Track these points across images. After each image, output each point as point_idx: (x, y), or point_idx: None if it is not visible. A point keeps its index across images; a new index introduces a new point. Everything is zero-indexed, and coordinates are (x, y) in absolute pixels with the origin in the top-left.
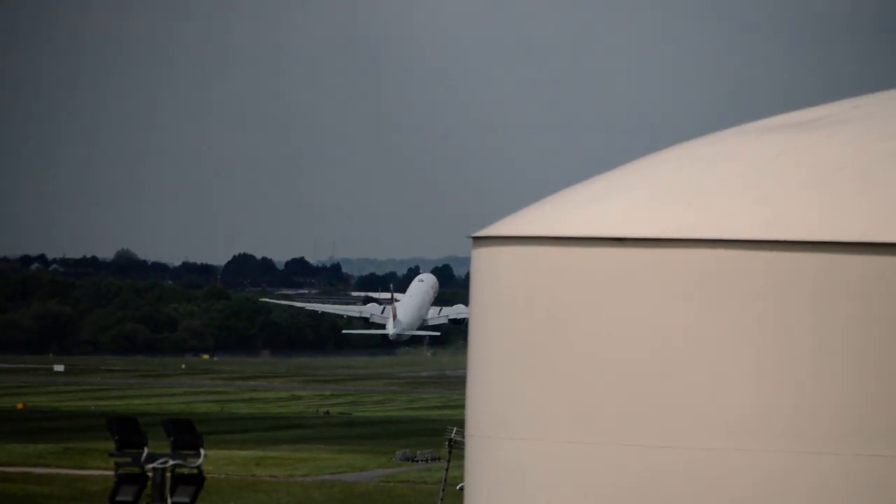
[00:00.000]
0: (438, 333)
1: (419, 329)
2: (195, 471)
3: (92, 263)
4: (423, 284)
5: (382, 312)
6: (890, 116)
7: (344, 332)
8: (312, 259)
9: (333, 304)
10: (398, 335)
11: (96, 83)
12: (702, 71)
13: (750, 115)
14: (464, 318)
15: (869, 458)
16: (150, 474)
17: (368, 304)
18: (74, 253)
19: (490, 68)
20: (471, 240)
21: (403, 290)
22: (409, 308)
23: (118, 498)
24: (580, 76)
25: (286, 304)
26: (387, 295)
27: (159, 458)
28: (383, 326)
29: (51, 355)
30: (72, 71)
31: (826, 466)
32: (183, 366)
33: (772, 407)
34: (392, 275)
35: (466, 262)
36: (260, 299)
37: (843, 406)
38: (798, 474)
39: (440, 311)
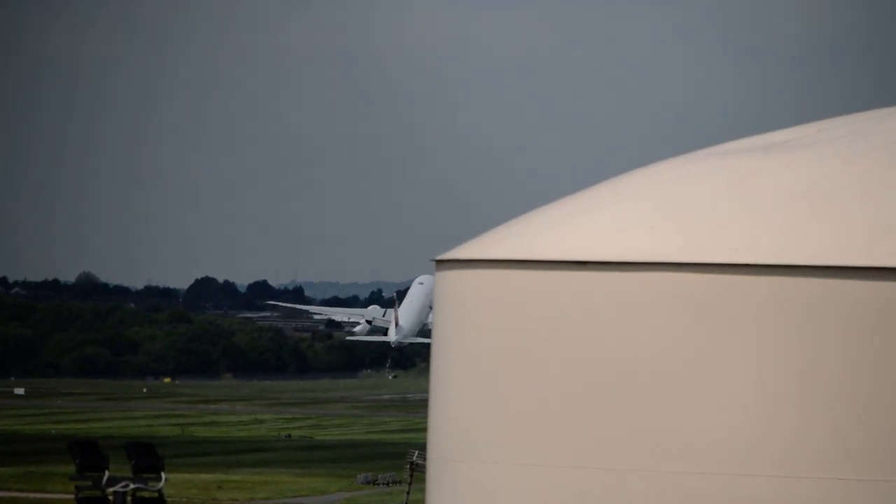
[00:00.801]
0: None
1: (419, 334)
2: (156, 494)
3: (53, 286)
4: (424, 287)
5: (384, 315)
6: (855, 140)
7: (348, 338)
8: (275, 282)
9: (342, 308)
10: (400, 342)
11: (57, 106)
12: (669, 97)
13: (716, 139)
14: None
15: (853, 483)
16: (111, 498)
17: (370, 307)
18: (36, 276)
19: (453, 92)
20: (434, 263)
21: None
22: (410, 314)
23: None
24: (543, 101)
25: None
26: (354, 311)
27: (120, 482)
28: (385, 332)
29: (12, 378)
30: (32, 94)
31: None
32: (144, 389)
33: (738, 430)
34: (355, 298)
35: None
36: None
37: (797, 429)
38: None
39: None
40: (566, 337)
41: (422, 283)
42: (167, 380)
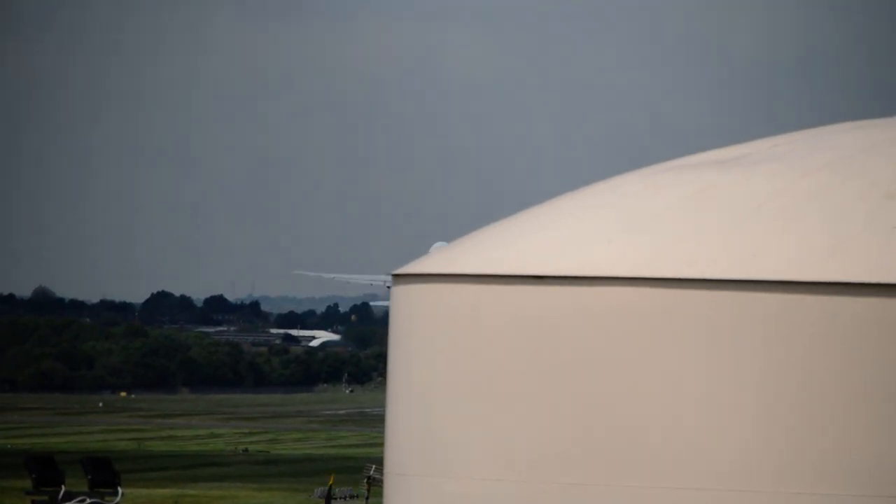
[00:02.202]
0: None
1: None
2: None
3: (9, 301)
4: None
5: None
6: (808, 155)
7: (372, 304)
8: (231, 297)
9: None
10: None
11: (10, 120)
12: (632, 111)
13: (675, 153)
14: None
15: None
16: None
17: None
18: None
19: (415, 106)
20: (391, 277)
21: (325, 328)
22: None
23: None
24: (506, 116)
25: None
26: (305, 332)
27: (77, 497)
28: None
29: None
30: None
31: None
32: (100, 403)
33: (692, 445)
34: (311, 312)
35: (386, 299)
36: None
37: (750, 443)
38: None
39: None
40: (523, 351)
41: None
42: (123, 394)
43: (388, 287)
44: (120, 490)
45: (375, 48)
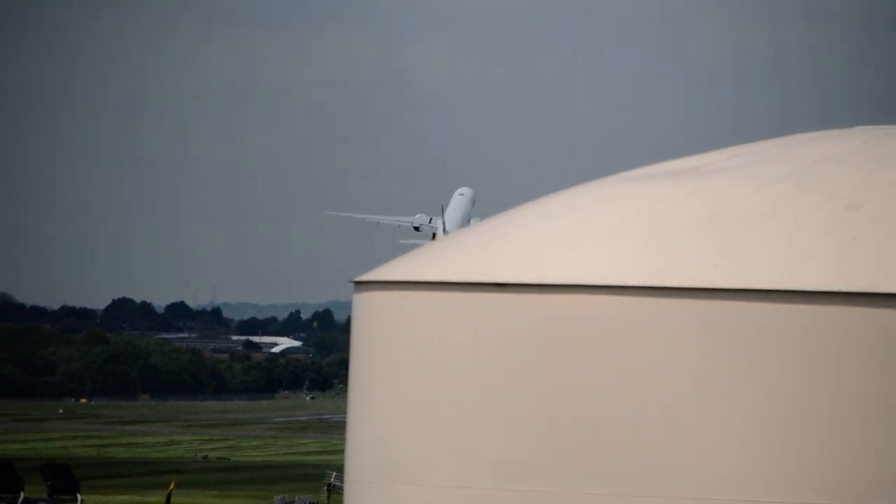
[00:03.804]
0: None
1: None
2: None
3: None
4: (464, 198)
5: (430, 222)
6: (767, 166)
7: (402, 241)
8: (192, 303)
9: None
10: None
11: None
12: (594, 121)
13: (632, 163)
14: None
15: None
16: None
17: (417, 215)
18: None
19: (377, 111)
20: (353, 284)
21: (287, 334)
22: (454, 220)
23: None
24: (466, 127)
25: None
26: (267, 339)
27: (37, 503)
28: (433, 236)
29: None
30: None
31: None
32: (61, 410)
33: (652, 453)
34: (273, 319)
35: (348, 306)
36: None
37: (710, 453)
38: None
39: (481, 221)
40: (484, 359)
41: (462, 194)
42: (84, 400)
43: (416, 228)
44: (79, 497)
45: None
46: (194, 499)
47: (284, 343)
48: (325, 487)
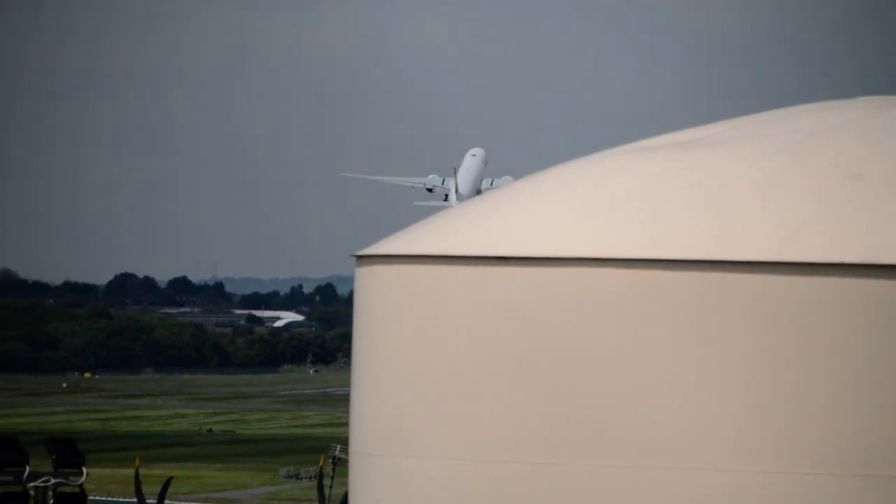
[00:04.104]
0: None
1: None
2: (77, 489)
3: None
4: (476, 158)
5: (443, 183)
6: (772, 136)
7: (416, 203)
8: (195, 278)
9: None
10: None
11: None
12: (589, 95)
13: (631, 136)
14: None
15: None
16: (31, 493)
17: (430, 176)
18: None
19: (377, 86)
20: (354, 258)
21: (289, 308)
22: (467, 181)
23: None
24: (470, 100)
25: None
26: (270, 313)
27: (41, 477)
28: (445, 197)
29: None
30: None
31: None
32: (64, 384)
33: (655, 423)
34: (275, 293)
35: (350, 280)
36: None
37: (710, 420)
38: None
39: (492, 182)
40: (487, 333)
41: (474, 155)
42: (87, 375)
43: (430, 189)
44: (84, 470)
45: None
46: (199, 472)
47: (287, 317)
48: (330, 460)
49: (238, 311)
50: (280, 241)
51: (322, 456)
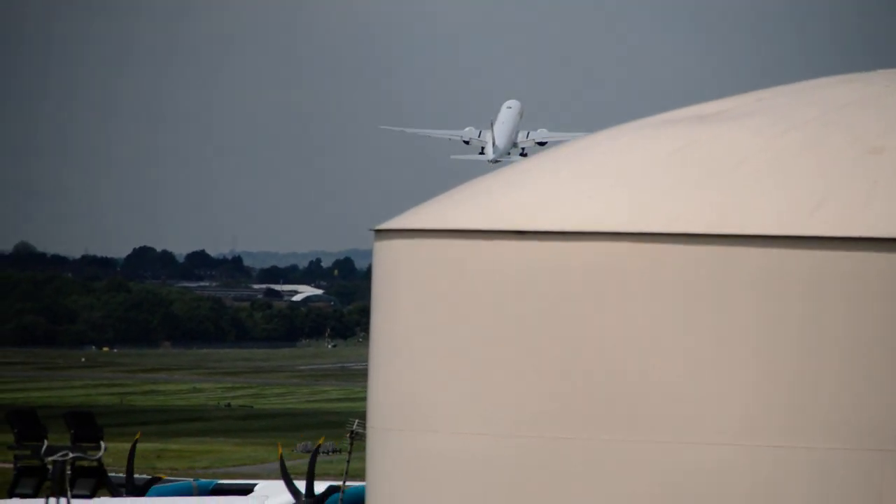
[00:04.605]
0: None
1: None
2: (95, 463)
3: None
4: (512, 111)
5: (479, 136)
6: (792, 109)
7: (452, 157)
8: (213, 252)
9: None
10: (496, 159)
11: None
12: (615, 67)
13: (659, 108)
14: (546, 142)
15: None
16: (50, 467)
17: (467, 129)
18: None
19: (390, 59)
20: (372, 233)
21: (307, 283)
22: (503, 134)
23: (18, 490)
24: (484, 74)
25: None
26: (288, 287)
27: (59, 451)
28: (482, 150)
29: None
30: None
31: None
32: (83, 358)
33: (672, 399)
34: (294, 267)
35: (368, 254)
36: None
37: (723, 396)
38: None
39: (528, 134)
40: (505, 307)
41: (510, 107)
42: (106, 349)
43: (466, 142)
44: (103, 444)
45: None
46: (217, 446)
47: (305, 291)
48: (348, 434)
49: (256, 286)
50: (298, 214)
51: (322, 438)
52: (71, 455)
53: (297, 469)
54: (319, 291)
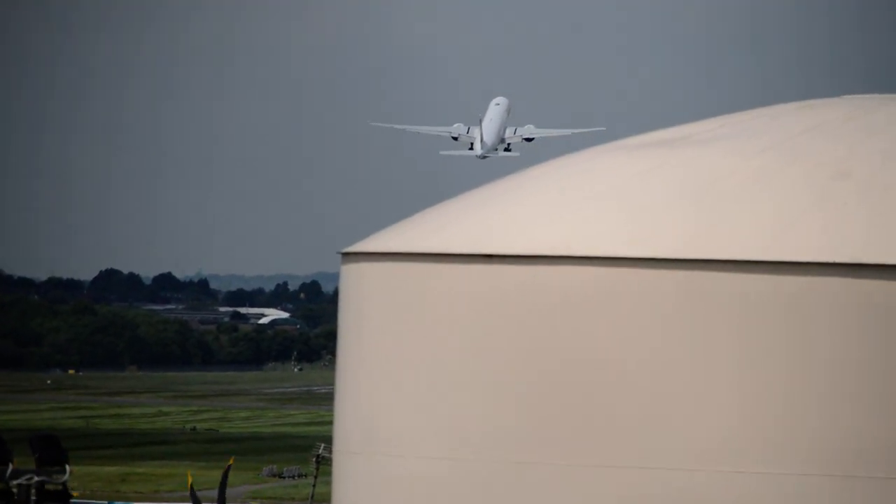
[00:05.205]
0: (518, 154)
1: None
2: (60, 487)
3: None
4: (500, 107)
5: (468, 132)
6: (754, 135)
7: (442, 152)
8: (179, 274)
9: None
10: (484, 155)
11: None
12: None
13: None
14: (533, 138)
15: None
16: (15, 490)
17: (455, 125)
18: None
19: (356, 85)
20: (340, 256)
21: (274, 306)
22: (491, 130)
23: None
24: (449, 94)
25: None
26: (254, 310)
27: (24, 475)
28: (471, 146)
29: None
30: None
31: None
32: (49, 381)
33: (636, 421)
34: (260, 290)
35: (335, 277)
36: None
37: (690, 420)
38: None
39: (515, 130)
40: (471, 330)
41: (498, 104)
42: (71, 372)
43: (455, 138)
44: (68, 468)
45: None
46: (182, 470)
47: (272, 314)
48: (314, 459)
49: (223, 309)
50: (265, 237)
51: (232, 458)
52: (36, 479)
53: (263, 493)
54: (286, 315)
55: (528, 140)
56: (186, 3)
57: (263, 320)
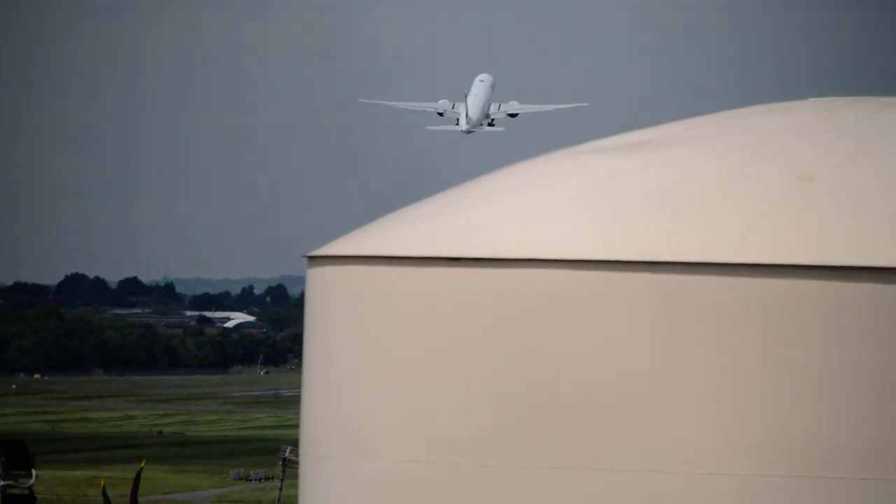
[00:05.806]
0: (502, 129)
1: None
2: (26, 491)
3: None
4: (484, 84)
5: (453, 108)
6: (722, 138)
7: (428, 127)
8: (145, 279)
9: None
10: (469, 130)
11: None
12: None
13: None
14: (517, 113)
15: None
16: None
17: (441, 101)
18: None
19: (329, 81)
20: (306, 259)
21: (240, 309)
22: (476, 106)
23: None
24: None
25: None
26: (220, 314)
27: None
28: (456, 122)
29: None
30: None
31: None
32: (14, 385)
33: (603, 423)
34: (226, 294)
35: (301, 281)
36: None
37: (663, 423)
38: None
39: (499, 106)
40: (439, 333)
41: (482, 81)
42: (37, 376)
43: (440, 114)
44: (34, 472)
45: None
46: (149, 474)
47: (238, 318)
48: (280, 462)
49: (188, 313)
50: (231, 241)
51: (144, 461)
52: (2, 483)
53: (229, 497)
54: (252, 318)
55: (513, 115)
56: (150, 6)
57: (229, 324)
